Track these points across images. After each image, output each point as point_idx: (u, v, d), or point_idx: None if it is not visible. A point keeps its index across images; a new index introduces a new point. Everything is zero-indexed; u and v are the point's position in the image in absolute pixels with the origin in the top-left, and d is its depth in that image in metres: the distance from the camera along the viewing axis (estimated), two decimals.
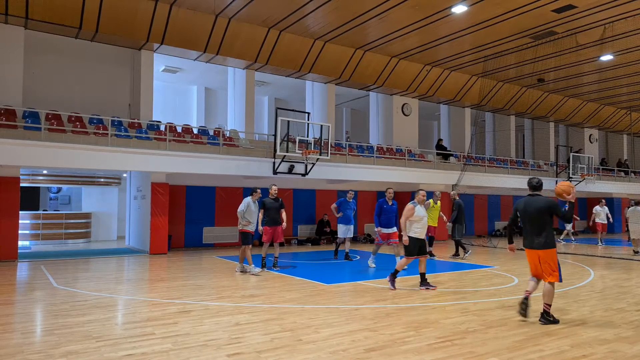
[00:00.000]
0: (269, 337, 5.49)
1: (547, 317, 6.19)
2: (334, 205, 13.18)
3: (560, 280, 6.31)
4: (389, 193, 11.53)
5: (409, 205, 8.52)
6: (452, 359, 4.80)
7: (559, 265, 6.33)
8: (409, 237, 8.50)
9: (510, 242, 6.81)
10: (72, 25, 13.83)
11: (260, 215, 10.95)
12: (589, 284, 9.40)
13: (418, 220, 8.49)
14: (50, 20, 13.54)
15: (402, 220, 8.49)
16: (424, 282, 8.70)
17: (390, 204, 11.38)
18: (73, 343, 5.24)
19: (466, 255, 13.75)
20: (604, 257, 14.26)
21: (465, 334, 5.66)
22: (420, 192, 8.81)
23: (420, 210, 8.56)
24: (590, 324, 6.18)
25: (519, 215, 6.55)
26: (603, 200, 18.96)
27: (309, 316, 6.52)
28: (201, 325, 6.04)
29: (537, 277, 6.45)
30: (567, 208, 6.52)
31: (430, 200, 13.49)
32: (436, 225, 13.86)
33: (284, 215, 11.17)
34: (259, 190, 10.86)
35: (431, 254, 13.95)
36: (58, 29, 14.10)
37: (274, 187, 11.16)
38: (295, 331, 5.76)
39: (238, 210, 10.60)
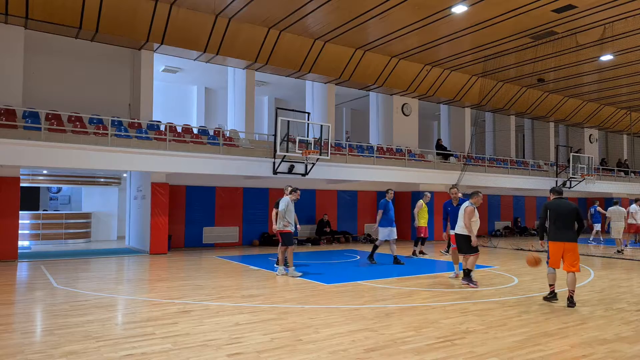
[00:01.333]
0: (269, 337, 5.49)
1: (572, 301, 7.25)
2: (380, 211, 12.02)
3: (579, 270, 7.52)
4: (454, 193, 10.98)
5: (470, 207, 8.96)
6: (452, 359, 4.80)
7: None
8: (465, 235, 9.00)
9: (542, 238, 7.76)
10: (72, 25, 13.83)
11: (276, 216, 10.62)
12: (589, 284, 9.40)
13: (476, 221, 9.04)
14: (50, 20, 13.53)
15: (466, 221, 8.94)
16: (467, 277, 9.13)
17: (455, 205, 10.67)
18: (73, 343, 5.24)
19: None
20: (604, 257, 14.25)
21: (465, 334, 5.66)
22: (480, 194, 9.19)
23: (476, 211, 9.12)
24: (590, 324, 6.19)
25: (549, 214, 7.60)
26: None
27: (309, 316, 6.52)
28: (201, 325, 6.03)
29: (555, 267, 7.50)
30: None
31: (421, 201, 14.01)
32: (426, 225, 14.36)
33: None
34: (299, 191, 10.59)
35: (422, 253, 14.52)
36: (58, 29, 14.10)
37: (289, 189, 10.93)
38: (295, 331, 5.76)
39: (279, 209, 10.20)
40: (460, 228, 9.06)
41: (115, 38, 14.79)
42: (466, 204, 9.05)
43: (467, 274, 8.95)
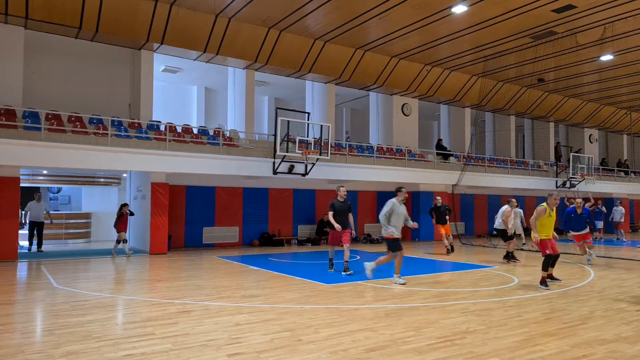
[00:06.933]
0: (269, 337, 5.49)
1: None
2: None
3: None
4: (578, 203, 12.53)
5: (508, 209, 11.48)
6: (452, 359, 4.80)
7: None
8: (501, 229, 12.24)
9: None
10: (72, 25, 13.83)
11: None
12: (588, 284, 9.40)
13: (511, 219, 12.44)
14: (50, 20, 13.53)
15: (505, 218, 12.23)
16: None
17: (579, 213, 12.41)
18: (73, 343, 5.24)
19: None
20: (603, 257, 14.26)
21: (465, 334, 5.66)
22: (513, 200, 12.08)
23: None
24: (590, 324, 6.18)
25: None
26: None
27: (309, 316, 6.51)
28: (201, 325, 6.03)
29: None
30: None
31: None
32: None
33: (351, 218, 10.46)
34: (403, 190, 9.37)
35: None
36: (58, 29, 14.10)
37: (342, 189, 10.38)
38: (295, 331, 5.76)
39: (382, 213, 9.22)
40: (498, 224, 12.03)
41: (115, 38, 14.79)
42: (503, 208, 11.71)
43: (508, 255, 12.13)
